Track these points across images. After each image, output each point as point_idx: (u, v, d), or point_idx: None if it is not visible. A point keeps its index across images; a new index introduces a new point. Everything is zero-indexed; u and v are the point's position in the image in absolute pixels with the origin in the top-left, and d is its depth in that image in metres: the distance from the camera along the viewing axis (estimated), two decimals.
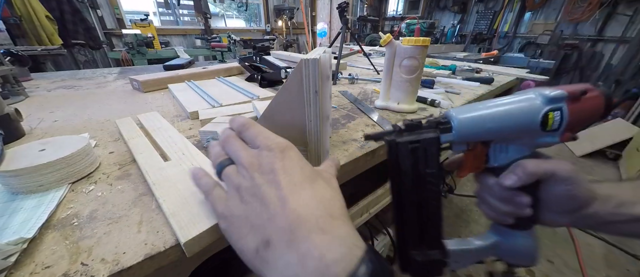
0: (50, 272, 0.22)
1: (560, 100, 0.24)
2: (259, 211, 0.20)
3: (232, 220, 0.21)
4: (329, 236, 0.18)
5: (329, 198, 0.21)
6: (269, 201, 0.19)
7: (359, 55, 1.83)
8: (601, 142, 2.32)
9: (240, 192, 0.21)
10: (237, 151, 0.24)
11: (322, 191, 0.21)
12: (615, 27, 3.42)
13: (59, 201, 0.31)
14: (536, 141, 0.26)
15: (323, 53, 0.32)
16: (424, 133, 0.26)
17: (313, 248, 0.17)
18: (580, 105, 0.25)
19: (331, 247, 0.17)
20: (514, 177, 0.26)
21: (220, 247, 0.32)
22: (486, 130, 0.26)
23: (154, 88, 0.86)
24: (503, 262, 0.33)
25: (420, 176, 0.26)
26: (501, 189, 0.28)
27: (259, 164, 0.22)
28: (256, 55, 1.08)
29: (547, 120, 0.24)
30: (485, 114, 0.26)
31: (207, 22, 3.80)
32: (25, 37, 2.37)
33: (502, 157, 0.28)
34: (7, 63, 0.82)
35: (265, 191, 0.20)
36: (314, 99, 0.30)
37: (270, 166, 0.21)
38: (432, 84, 0.93)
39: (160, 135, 0.47)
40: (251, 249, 0.19)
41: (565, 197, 0.26)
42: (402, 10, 5.63)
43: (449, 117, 0.26)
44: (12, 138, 0.49)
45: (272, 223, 0.19)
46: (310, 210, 0.19)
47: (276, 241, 0.18)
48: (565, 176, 0.26)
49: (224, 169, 0.24)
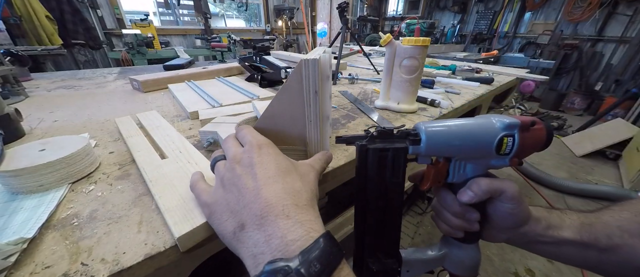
0: (50, 272, 0.22)
1: (514, 127, 0.27)
2: (237, 198, 0.23)
3: (215, 207, 0.24)
4: (291, 220, 0.21)
5: (298, 189, 0.24)
6: (246, 190, 0.23)
7: (359, 55, 1.83)
8: (601, 142, 2.32)
9: (223, 181, 0.25)
10: (229, 148, 0.28)
11: (292, 183, 0.24)
12: (615, 27, 3.42)
13: (59, 201, 0.31)
14: (490, 162, 0.29)
15: (323, 53, 0.32)
16: (394, 142, 0.27)
17: (277, 230, 0.20)
18: (528, 134, 0.27)
19: (292, 229, 0.20)
20: (471, 194, 0.29)
21: (219, 247, 0.32)
22: (451, 146, 0.28)
23: (154, 88, 0.86)
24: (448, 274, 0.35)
25: (385, 183, 0.28)
26: (456, 205, 0.30)
27: (241, 158, 0.26)
28: (256, 55, 1.08)
29: (501, 144, 0.27)
30: (451, 131, 0.28)
31: (207, 22, 3.80)
32: (25, 37, 2.37)
33: (460, 175, 0.30)
34: (7, 63, 0.82)
35: (244, 181, 0.23)
36: (314, 99, 0.30)
37: (250, 160, 0.25)
38: (432, 84, 0.93)
39: (159, 133, 0.47)
40: (229, 231, 0.22)
41: (508, 215, 0.30)
42: (402, 10, 5.63)
43: (419, 130, 0.28)
44: (12, 138, 0.49)
45: (247, 209, 0.22)
46: (278, 199, 0.22)
47: (249, 224, 0.21)
48: (512, 196, 0.28)
49: (216, 162, 0.28)
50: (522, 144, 0.27)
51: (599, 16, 3.46)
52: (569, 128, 2.97)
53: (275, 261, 0.18)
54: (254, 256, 0.20)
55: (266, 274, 0.18)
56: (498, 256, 1.34)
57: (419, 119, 0.61)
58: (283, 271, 0.17)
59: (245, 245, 0.21)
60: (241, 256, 0.22)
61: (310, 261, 0.18)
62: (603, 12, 3.41)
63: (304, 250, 0.19)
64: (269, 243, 0.20)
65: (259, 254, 0.20)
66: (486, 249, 1.37)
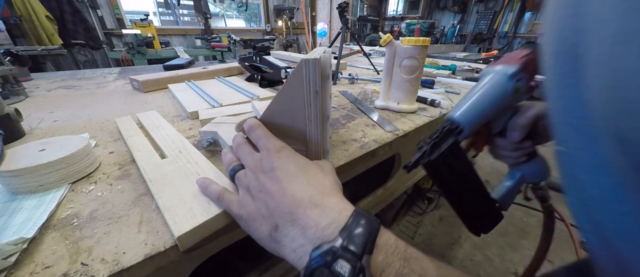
0: (50, 272, 0.22)
1: (519, 72, 0.31)
2: (267, 204, 0.24)
3: (248, 217, 0.25)
4: (321, 207, 0.22)
5: (320, 180, 0.25)
6: (273, 194, 0.24)
7: (359, 55, 1.83)
8: None
9: (250, 191, 0.26)
10: (246, 156, 0.29)
11: (314, 176, 0.25)
12: None
13: (59, 201, 0.31)
14: (514, 104, 0.35)
15: (323, 53, 0.32)
16: (446, 143, 0.31)
17: (309, 220, 0.21)
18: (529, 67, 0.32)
19: (323, 216, 0.21)
20: (517, 133, 0.35)
21: (218, 246, 0.32)
22: (483, 118, 0.33)
23: (154, 88, 0.86)
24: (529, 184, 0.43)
25: (459, 173, 0.33)
26: (510, 144, 0.37)
27: (261, 166, 0.26)
28: (256, 55, 1.08)
29: (517, 91, 0.32)
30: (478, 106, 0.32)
31: (207, 22, 3.80)
32: (25, 37, 2.37)
33: (499, 124, 0.37)
34: (7, 63, 0.82)
35: (269, 187, 0.24)
36: (314, 99, 0.30)
37: (270, 165, 0.26)
38: (432, 84, 0.93)
39: (159, 133, 0.47)
40: (266, 235, 0.23)
41: (546, 126, 0.34)
42: (402, 10, 5.64)
43: (456, 120, 0.32)
44: (12, 138, 0.49)
45: (277, 211, 0.23)
46: (304, 192, 0.23)
47: (282, 224, 0.22)
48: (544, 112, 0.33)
49: (236, 173, 0.29)
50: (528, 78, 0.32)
51: None
52: None
53: (320, 246, 0.19)
54: (294, 250, 0.21)
55: (316, 260, 0.18)
56: (498, 256, 1.34)
57: (419, 119, 0.61)
58: (331, 252, 0.18)
59: (283, 243, 0.22)
60: (283, 255, 0.22)
61: (353, 235, 0.19)
62: None
63: (343, 228, 0.19)
64: (305, 234, 0.20)
65: (298, 248, 0.20)
66: (486, 249, 1.37)
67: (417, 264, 0.18)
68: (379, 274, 0.18)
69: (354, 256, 0.18)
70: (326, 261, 0.18)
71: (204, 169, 0.36)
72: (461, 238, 1.45)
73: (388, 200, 0.77)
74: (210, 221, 0.27)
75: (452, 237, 1.46)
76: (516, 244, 1.41)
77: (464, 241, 1.43)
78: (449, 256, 1.34)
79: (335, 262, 0.17)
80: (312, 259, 0.19)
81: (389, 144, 0.51)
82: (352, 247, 0.18)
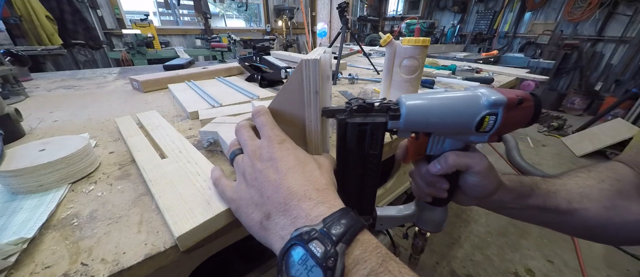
0: (50, 272, 0.22)
1: (499, 106, 0.26)
2: (260, 192, 0.24)
3: (240, 202, 0.26)
4: (314, 201, 0.22)
5: (317, 176, 0.25)
6: (268, 183, 0.24)
7: (359, 55, 1.83)
8: (601, 142, 2.32)
9: (245, 176, 0.26)
10: (245, 141, 0.29)
11: (311, 171, 0.25)
12: (615, 27, 3.42)
13: (59, 201, 0.31)
14: (469, 138, 0.29)
15: (323, 53, 0.32)
16: (374, 117, 0.28)
17: (301, 211, 0.22)
18: (514, 113, 0.26)
19: (314, 208, 0.22)
20: (438, 167, 0.31)
21: (218, 246, 0.32)
22: (429, 123, 0.28)
23: (154, 88, 0.86)
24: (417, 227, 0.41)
25: (363, 155, 0.29)
26: (428, 174, 0.33)
27: (260, 154, 0.27)
28: (256, 55, 1.08)
29: (482, 123, 0.26)
30: (432, 106, 0.27)
31: (207, 22, 3.79)
32: (25, 37, 2.36)
33: (437, 149, 0.31)
34: (7, 63, 0.82)
35: (265, 175, 0.25)
36: (314, 99, 0.30)
37: (270, 155, 0.26)
38: (432, 84, 0.93)
39: (159, 133, 0.47)
40: (256, 222, 0.24)
41: (475, 186, 0.32)
42: (402, 10, 5.64)
43: (400, 103, 0.27)
44: (12, 138, 0.49)
45: (271, 200, 0.23)
46: (300, 186, 0.23)
47: (274, 213, 0.23)
48: (478, 170, 0.30)
49: (235, 157, 0.29)
50: (504, 122, 0.26)
51: (599, 16, 3.46)
52: (569, 128, 2.97)
53: (300, 228, 0.20)
54: (282, 237, 0.21)
55: (293, 239, 0.19)
56: (498, 256, 1.34)
57: None
58: (308, 233, 0.19)
59: (272, 231, 0.22)
60: (269, 242, 0.23)
61: (333, 224, 0.20)
62: (603, 12, 3.41)
63: (326, 217, 0.20)
64: (294, 223, 0.21)
65: (286, 235, 0.21)
66: (486, 249, 1.37)
67: (395, 267, 0.18)
68: (353, 266, 0.18)
69: (329, 240, 0.18)
70: (303, 239, 0.19)
71: (204, 169, 0.35)
72: (461, 238, 1.45)
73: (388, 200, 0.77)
74: (210, 221, 0.27)
75: (452, 237, 1.46)
76: (516, 244, 1.41)
77: (464, 241, 1.43)
78: (449, 256, 1.34)
79: (311, 242, 0.19)
80: (292, 237, 0.20)
81: (389, 144, 0.51)
82: (331, 233, 0.19)
